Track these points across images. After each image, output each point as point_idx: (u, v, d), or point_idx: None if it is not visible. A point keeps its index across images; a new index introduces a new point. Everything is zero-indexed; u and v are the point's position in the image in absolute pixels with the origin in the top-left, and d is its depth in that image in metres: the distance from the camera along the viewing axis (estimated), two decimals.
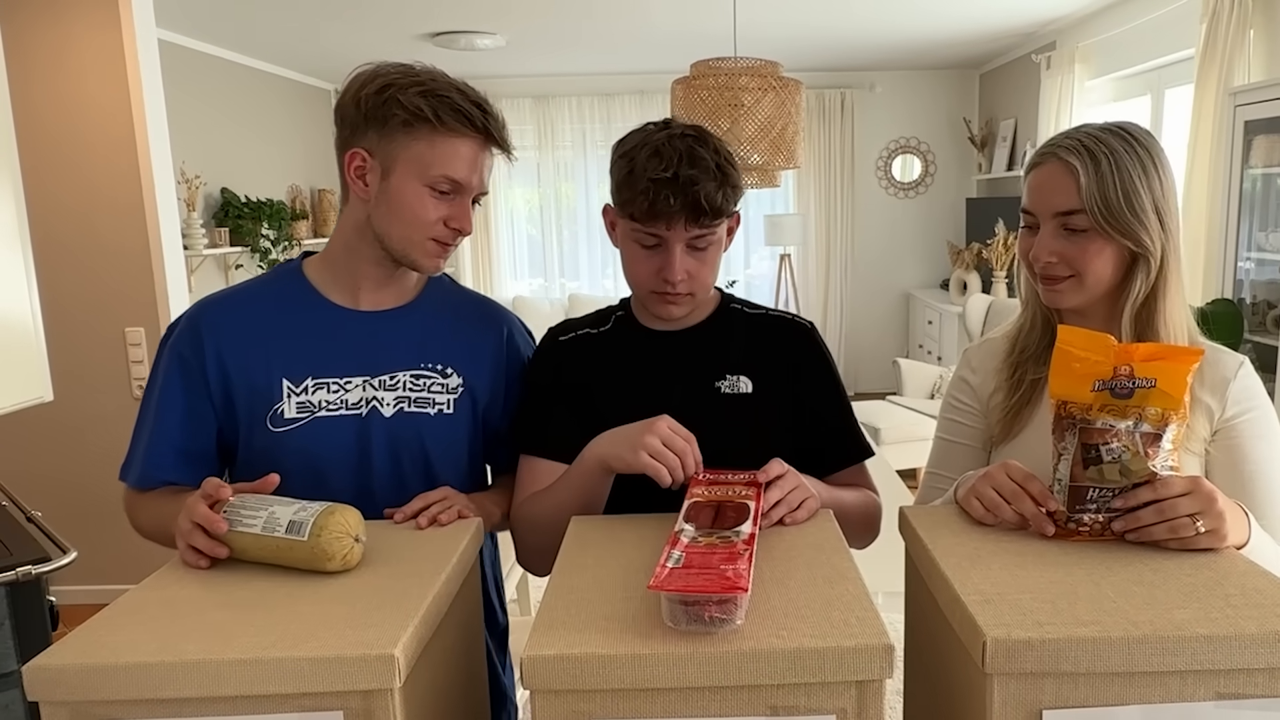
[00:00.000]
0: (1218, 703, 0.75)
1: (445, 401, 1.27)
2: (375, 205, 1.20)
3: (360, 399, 1.23)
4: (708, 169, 1.15)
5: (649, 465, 1.05)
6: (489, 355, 1.32)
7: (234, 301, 1.28)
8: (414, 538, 1.05)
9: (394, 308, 1.28)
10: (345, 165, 1.20)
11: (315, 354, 1.23)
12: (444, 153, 1.17)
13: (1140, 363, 0.94)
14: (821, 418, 1.30)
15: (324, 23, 4.70)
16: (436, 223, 1.19)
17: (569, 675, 0.75)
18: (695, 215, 1.15)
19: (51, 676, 0.77)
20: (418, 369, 1.26)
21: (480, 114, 1.18)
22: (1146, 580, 0.85)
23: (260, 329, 1.24)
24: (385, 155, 1.17)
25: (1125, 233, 1.09)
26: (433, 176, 1.17)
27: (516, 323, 1.38)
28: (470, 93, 1.19)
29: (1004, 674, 0.76)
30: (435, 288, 1.34)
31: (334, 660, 0.76)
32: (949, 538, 0.97)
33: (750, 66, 3.39)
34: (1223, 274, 3.34)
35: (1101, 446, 0.94)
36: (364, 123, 1.17)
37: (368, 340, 1.25)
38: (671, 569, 0.81)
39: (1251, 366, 1.16)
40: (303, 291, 1.27)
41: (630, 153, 1.19)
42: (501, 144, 1.23)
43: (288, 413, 1.21)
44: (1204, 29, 3.69)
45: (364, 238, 1.23)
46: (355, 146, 1.19)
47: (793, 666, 0.75)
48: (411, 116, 1.15)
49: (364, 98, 1.17)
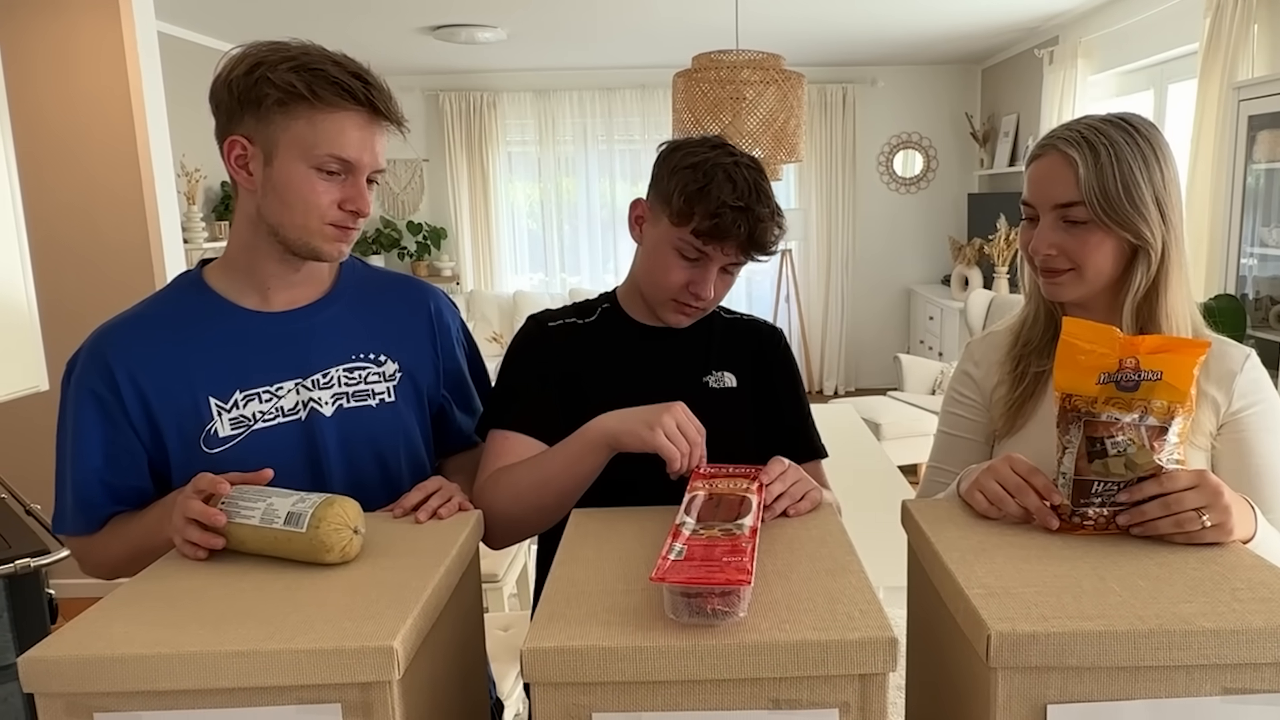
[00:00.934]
0: (1224, 697, 0.75)
1: (385, 390, 1.23)
2: (263, 195, 1.12)
3: (296, 403, 1.18)
4: (770, 209, 1.22)
5: (663, 445, 1.05)
6: (421, 334, 1.29)
7: (136, 324, 1.18)
8: (413, 530, 1.04)
9: (312, 302, 1.22)
10: (225, 155, 1.12)
11: (238, 365, 1.16)
12: (326, 130, 1.09)
13: (1146, 355, 0.93)
14: (783, 416, 1.34)
15: (324, 16, 4.69)
16: (330, 206, 1.12)
17: (569, 668, 0.74)
18: (750, 248, 1.22)
19: (47, 668, 0.77)
20: (350, 361, 1.22)
21: (361, 85, 1.10)
22: (1152, 574, 0.84)
23: (172, 349, 1.15)
24: (265, 139, 1.10)
25: (1124, 224, 1.08)
26: (318, 157, 1.09)
27: (440, 294, 1.35)
28: (348, 64, 1.11)
29: (1008, 668, 0.75)
30: (349, 274, 1.28)
31: (332, 652, 0.76)
32: (952, 531, 0.96)
33: (752, 59, 3.37)
34: (1225, 269, 3.33)
35: (1107, 440, 0.93)
36: (238, 107, 1.10)
37: (291, 340, 1.19)
38: (674, 561, 0.80)
39: (1258, 359, 1.15)
40: (209, 301, 1.19)
41: (700, 167, 1.20)
42: (389, 115, 1.14)
43: (221, 431, 1.15)
44: (1208, 23, 3.67)
45: (259, 233, 1.15)
46: (233, 134, 1.11)
47: (795, 659, 0.74)
48: (285, 94, 1.07)
49: (234, 80, 1.09)
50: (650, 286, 1.28)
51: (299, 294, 1.22)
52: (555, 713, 0.76)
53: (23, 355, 1.83)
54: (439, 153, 6.72)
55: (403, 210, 6.83)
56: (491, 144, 6.67)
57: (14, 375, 1.80)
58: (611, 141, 6.76)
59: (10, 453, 3.30)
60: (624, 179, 6.85)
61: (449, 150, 6.67)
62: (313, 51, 1.10)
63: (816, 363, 7.05)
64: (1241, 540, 0.92)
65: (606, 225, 6.93)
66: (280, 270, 1.18)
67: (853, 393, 6.86)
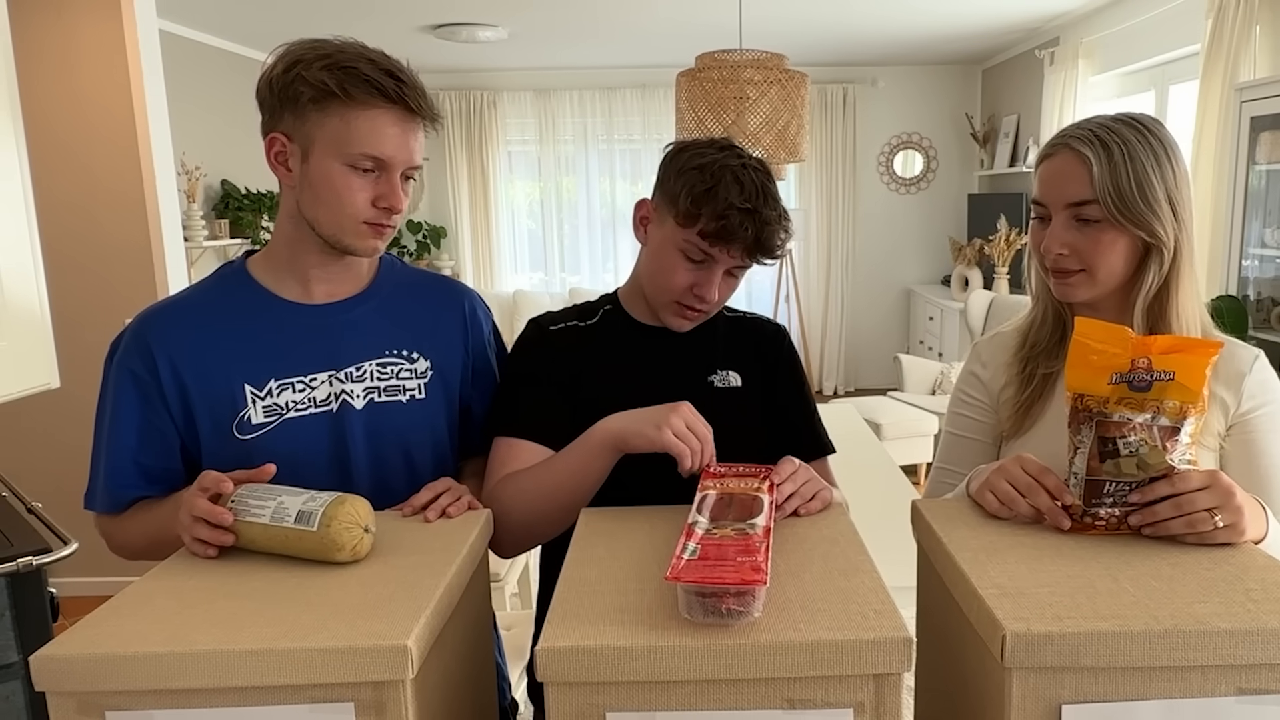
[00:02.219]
0: (1239, 698, 0.75)
1: (416, 387, 1.24)
2: (301, 191, 1.14)
3: (329, 395, 1.19)
4: (778, 212, 1.21)
5: (672, 443, 1.05)
6: (454, 334, 1.30)
7: (180, 310, 1.21)
8: (424, 528, 1.04)
9: (350, 296, 1.24)
10: (267, 151, 1.15)
11: (274, 354, 1.18)
12: (360, 128, 1.10)
13: (1158, 355, 0.93)
14: (788, 414, 1.34)
15: (325, 14, 4.68)
16: (364, 203, 1.13)
17: (584, 667, 0.74)
18: (756, 251, 1.21)
19: (59, 666, 0.76)
20: (383, 357, 1.23)
21: (394, 83, 1.10)
22: (1165, 574, 0.84)
23: (212, 335, 1.18)
24: (303, 136, 1.11)
25: (1138, 223, 1.08)
26: (351, 154, 1.10)
27: (475, 296, 1.36)
28: (383, 61, 1.12)
29: (1023, 668, 0.75)
30: (388, 270, 1.29)
31: (346, 651, 0.75)
32: (963, 531, 0.96)
33: (755, 59, 3.37)
34: (1228, 270, 3.33)
35: (1119, 440, 0.93)
36: (279, 105, 1.12)
37: (328, 333, 1.20)
38: (688, 560, 0.80)
39: (1266, 360, 1.15)
40: (252, 291, 1.21)
41: (708, 169, 1.19)
42: (424, 112, 1.14)
43: (255, 418, 1.16)
44: (1209, 24, 3.67)
45: (300, 227, 1.17)
46: (274, 131, 1.13)
47: (810, 659, 0.74)
48: (318, 93, 1.08)
49: (274, 79, 1.11)
50: (654, 288, 1.27)
51: (338, 288, 1.23)
52: (570, 712, 0.76)
53: (38, 352, 1.83)
54: (439, 152, 6.71)
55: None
56: (492, 143, 6.66)
57: (30, 372, 1.81)
58: (612, 141, 6.76)
59: (11, 450, 3.30)
60: (624, 179, 6.85)
61: (449, 149, 6.67)
62: (348, 49, 1.11)
63: (817, 363, 7.05)
64: (1253, 540, 0.92)
65: (607, 225, 6.92)
66: (321, 262, 1.20)
67: (853, 393, 6.86)
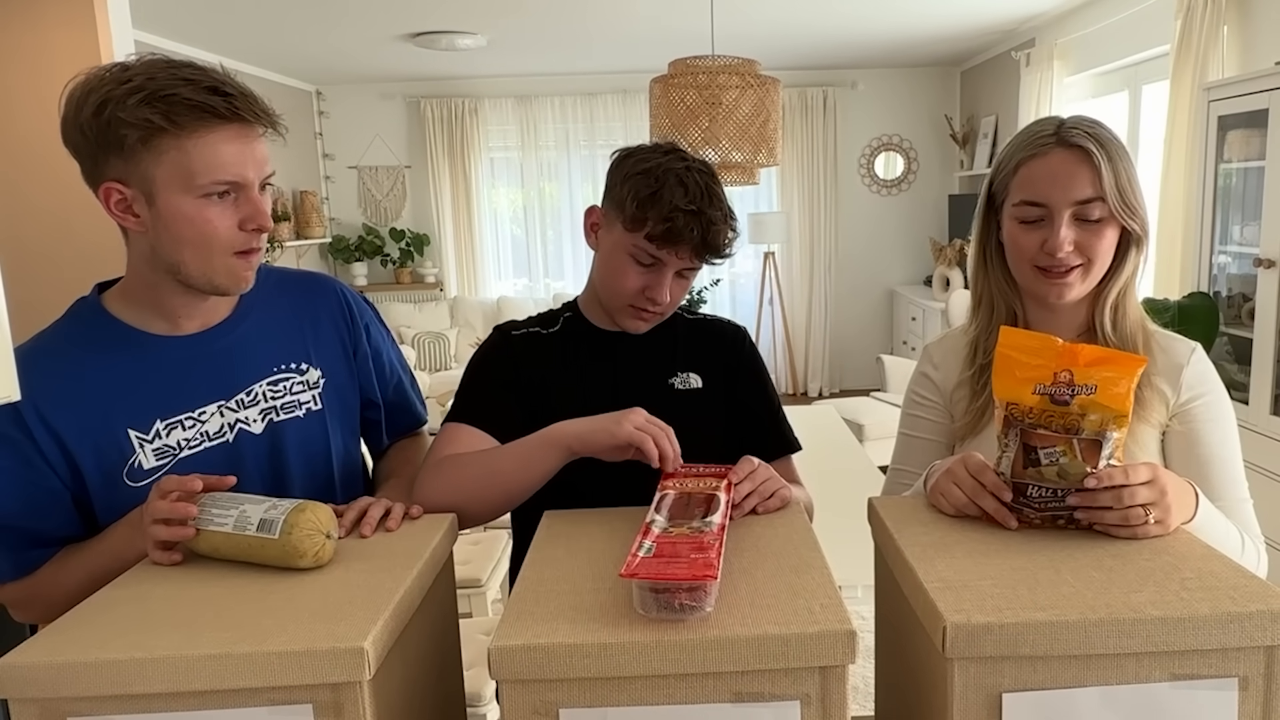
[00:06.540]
0: (1173, 683, 0.77)
1: (311, 398, 1.21)
2: (156, 235, 1.05)
3: (221, 425, 1.14)
4: (723, 212, 1.23)
5: (634, 435, 1.07)
6: (337, 329, 1.27)
7: (36, 356, 1.08)
8: (386, 535, 1.05)
9: (224, 320, 1.17)
10: (104, 203, 1.05)
11: (154, 394, 1.10)
12: (202, 156, 1.01)
13: (1083, 368, 0.93)
14: (752, 413, 1.35)
15: (303, 23, 4.68)
16: (229, 231, 1.05)
17: (536, 665, 0.76)
18: (703, 251, 1.23)
19: (22, 674, 0.77)
20: (273, 375, 1.18)
21: (221, 99, 1.01)
22: (1106, 565, 0.86)
23: (82, 381, 1.08)
24: (140, 180, 1.02)
25: (1134, 217, 1.11)
26: (201, 185, 1.02)
27: (343, 285, 1.34)
28: (198, 77, 1.02)
29: (964, 658, 0.77)
30: (257, 280, 1.18)
31: (303, 654, 0.77)
32: (915, 528, 0.98)
33: (729, 65, 3.40)
34: (1198, 268, 3.38)
35: (1041, 450, 0.94)
36: (99, 151, 1.02)
37: (210, 362, 1.14)
38: (643, 558, 0.81)
39: (1204, 352, 1.18)
40: (115, 330, 1.12)
41: (652, 173, 1.21)
42: (261, 119, 1.06)
43: (146, 464, 1.09)
44: (1179, 25, 3.73)
45: (158, 270, 1.08)
46: (105, 180, 1.03)
47: (757, 653, 0.76)
48: (144, 131, 0.99)
49: (84, 124, 1.01)
50: (607, 292, 1.29)
51: (210, 316, 1.16)
52: (523, 710, 0.77)
53: None
54: (421, 159, 6.72)
55: (385, 217, 6.83)
56: (473, 150, 6.68)
57: None
58: (594, 146, 6.78)
59: None
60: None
61: (431, 157, 6.68)
62: (157, 75, 1.01)
63: (801, 365, 7.09)
64: (1181, 523, 0.95)
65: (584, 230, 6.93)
66: (186, 300, 1.13)
67: (837, 394, 6.89)
